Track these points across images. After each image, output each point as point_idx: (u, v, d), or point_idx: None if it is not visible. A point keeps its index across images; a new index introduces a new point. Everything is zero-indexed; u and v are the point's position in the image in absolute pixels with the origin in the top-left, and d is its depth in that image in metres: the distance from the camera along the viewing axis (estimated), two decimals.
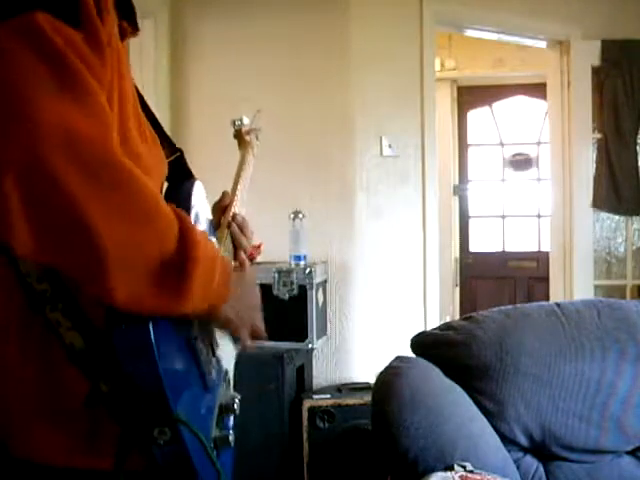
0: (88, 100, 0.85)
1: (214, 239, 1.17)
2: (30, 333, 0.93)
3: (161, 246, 0.88)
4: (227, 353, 1.16)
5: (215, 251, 0.98)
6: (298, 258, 2.98)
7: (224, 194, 1.30)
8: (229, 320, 1.02)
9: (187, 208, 1.10)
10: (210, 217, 1.22)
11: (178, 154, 1.23)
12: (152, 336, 0.87)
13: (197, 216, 1.14)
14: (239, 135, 1.50)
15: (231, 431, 1.06)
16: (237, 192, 1.31)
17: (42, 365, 0.93)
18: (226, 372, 1.15)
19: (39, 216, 0.82)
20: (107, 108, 0.88)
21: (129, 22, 1.06)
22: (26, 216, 0.81)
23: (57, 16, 0.85)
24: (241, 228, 1.23)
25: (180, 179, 1.18)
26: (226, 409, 1.09)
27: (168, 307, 0.89)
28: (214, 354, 1.09)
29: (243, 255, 1.22)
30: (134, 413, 0.90)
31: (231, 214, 1.25)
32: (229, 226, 1.23)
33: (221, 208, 1.27)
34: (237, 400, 1.12)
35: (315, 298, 2.96)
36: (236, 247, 1.22)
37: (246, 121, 1.52)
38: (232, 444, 1.05)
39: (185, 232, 0.90)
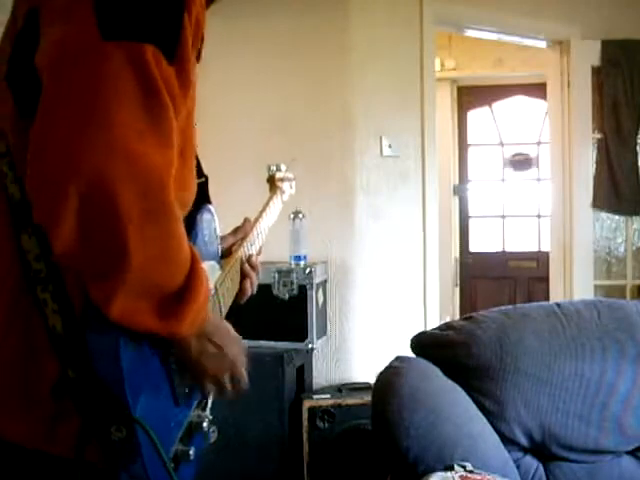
0: (165, 137, 0.90)
1: (217, 265, 1.20)
2: (17, 310, 0.96)
3: (173, 278, 0.93)
4: None
5: (208, 294, 1.02)
6: (298, 258, 2.98)
7: (245, 221, 1.35)
8: (193, 361, 1.03)
9: (189, 233, 1.12)
10: (217, 242, 1.24)
11: (202, 180, 1.25)
12: (121, 341, 0.91)
13: (202, 240, 1.16)
14: (272, 180, 1.56)
15: (193, 447, 1.07)
16: (254, 231, 1.36)
17: (22, 345, 0.96)
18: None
19: (86, 227, 0.86)
20: (176, 145, 0.93)
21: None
22: (74, 223, 0.85)
23: (160, 49, 0.90)
24: (253, 269, 1.30)
25: (197, 204, 1.19)
26: (195, 427, 1.10)
27: (157, 331, 0.94)
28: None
29: (248, 286, 1.28)
30: (95, 405, 0.92)
31: (247, 253, 1.30)
32: (242, 266, 1.28)
33: (238, 234, 1.32)
34: (207, 420, 1.12)
35: (315, 298, 2.96)
36: (244, 277, 1.27)
37: (282, 168, 1.57)
38: (192, 458, 1.06)
39: (194, 268, 0.95)
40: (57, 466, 0.97)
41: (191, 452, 1.05)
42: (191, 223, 1.12)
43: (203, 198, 1.23)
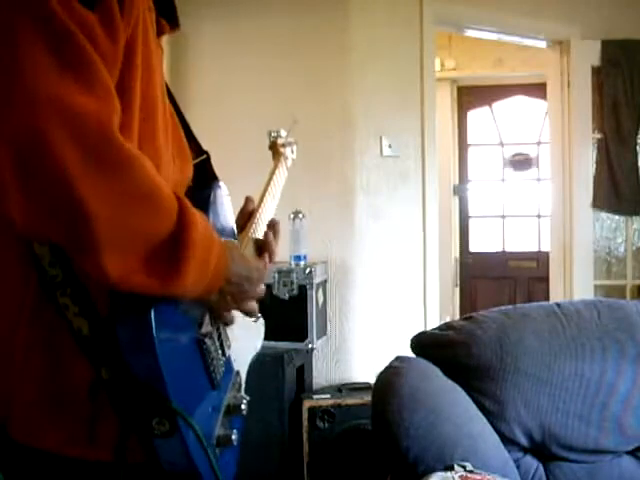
0: (91, 78, 0.84)
1: (236, 242, 1.17)
2: (41, 317, 0.94)
3: (156, 226, 0.88)
4: (241, 356, 1.16)
5: (213, 235, 0.97)
6: (298, 258, 2.98)
7: (247, 200, 1.32)
8: (223, 302, 1.02)
9: (206, 211, 1.09)
10: (232, 220, 1.22)
11: (204, 157, 1.22)
12: (154, 330, 0.88)
13: (215, 219, 1.13)
14: (274, 146, 1.53)
15: (235, 430, 1.06)
16: (264, 201, 1.33)
17: (49, 352, 0.94)
18: (237, 373, 1.15)
19: (31, 188, 0.82)
20: (113, 93, 0.87)
21: (168, 19, 1.07)
22: (19, 187, 0.81)
23: None
24: (275, 235, 1.27)
25: (204, 182, 1.17)
26: (234, 409, 1.09)
27: (160, 287, 0.89)
28: (224, 354, 1.09)
29: (267, 259, 1.24)
30: (133, 402, 0.91)
31: (266, 220, 1.29)
32: (266, 234, 1.25)
33: (246, 214, 1.29)
34: (245, 402, 1.11)
35: (315, 298, 2.95)
36: (262, 251, 1.23)
37: (283, 134, 1.54)
38: (235, 443, 1.05)
39: (183, 214, 0.90)
40: (99, 470, 0.95)
41: (234, 437, 1.04)
42: (205, 201, 1.10)
43: (208, 175, 1.21)
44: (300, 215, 3.00)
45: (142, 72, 0.96)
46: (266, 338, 1.14)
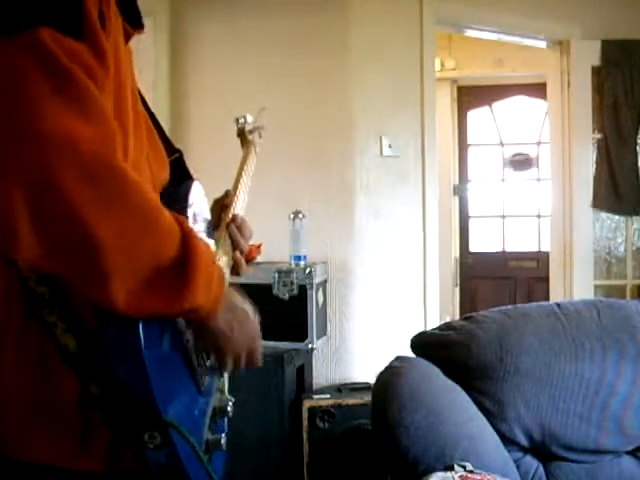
0: (92, 112, 0.86)
1: (212, 241, 1.17)
2: (27, 336, 0.94)
3: (162, 253, 0.89)
4: None
5: (214, 259, 0.99)
6: (298, 258, 2.98)
7: (227, 193, 1.30)
8: (221, 333, 1.02)
9: (184, 209, 1.10)
10: (208, 217, 1.21)
11: (177, 155, 1.23)
12: (142, 341, 0.88)
13: (195, 217, 1.13)
14: (242, 133, 1.50)
15: (224, 434, 1.06)
16: (238, 191, 1.31)
17: (38, 368, 0.94)
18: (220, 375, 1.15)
19: (45, 227, 0.83)
20: (111, 118, 0.89)
21: (131, 22, 1.06)
22: (33, 227, 0.83)
23: (60, 29, 0.86)
24: (240, 229, 1.24)
25: (178, 180, 1.18)
26: (220, 412, 1.09)
27: (167, 311, 0.91)
28: (209, 357, 1.09)
29: (239, 255, 1.22)
30: (124, 416, 0.90)
31: (230, 214, 1.25)
32: (228, 227, 1.23)
33: (221, 207, 1.27)
34: (231, 403, 1.11)
35: (315, 298, 2.95)
36: (234, 247, 1.23)
37: (249, 119, 1.51)
38: (224, 447, 1.05)
39: (186, 239, 0.91)
40: None
41: (222, 441, 1.04)
42: (182, 199, 1.10)
43: (182, 174, 1.21)
44: (300, 215, 3.00)
45: (113, 82, 0.96)
46: (266, 338, 1.14)
